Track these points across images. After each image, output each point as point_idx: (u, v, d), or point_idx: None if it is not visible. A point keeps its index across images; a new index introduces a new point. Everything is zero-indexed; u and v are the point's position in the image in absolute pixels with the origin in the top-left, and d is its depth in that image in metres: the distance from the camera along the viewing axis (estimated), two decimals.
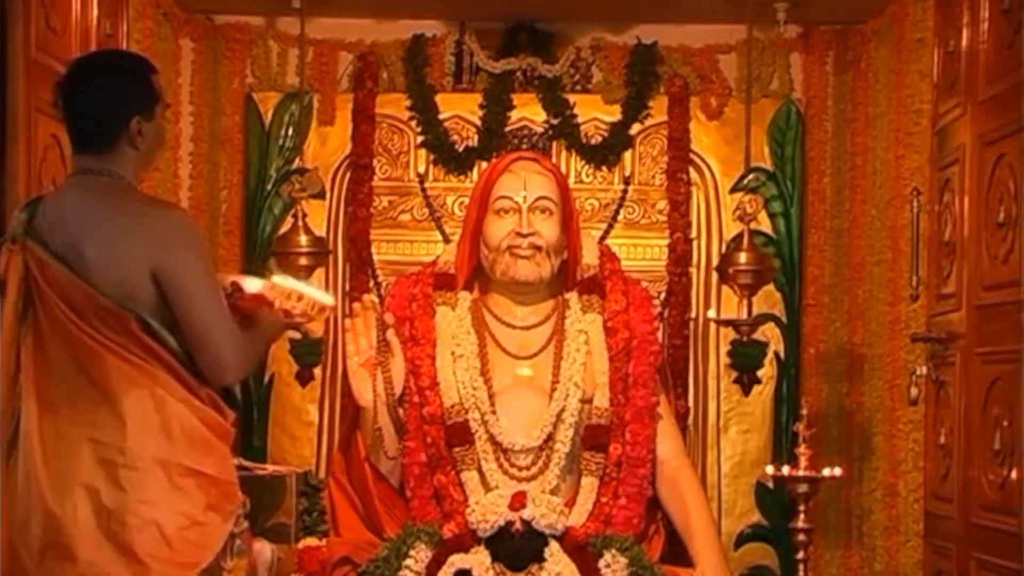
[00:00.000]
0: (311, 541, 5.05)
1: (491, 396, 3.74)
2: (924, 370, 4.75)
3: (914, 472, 5.10)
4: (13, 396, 3.16)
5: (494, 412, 3.72)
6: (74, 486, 3.10)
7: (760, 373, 5.82)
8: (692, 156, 6.04)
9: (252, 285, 3.41)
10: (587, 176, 6.06)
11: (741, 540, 5.94)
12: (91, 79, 3.31)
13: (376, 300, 4.05)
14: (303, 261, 5.19)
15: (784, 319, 5.99)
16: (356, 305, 3.83)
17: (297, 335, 5.50)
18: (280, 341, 5.85)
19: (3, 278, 3.20)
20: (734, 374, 5.86)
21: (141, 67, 3.38)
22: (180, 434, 3.15)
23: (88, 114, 3.27)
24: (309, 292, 3.49)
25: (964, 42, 4.45)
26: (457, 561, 3.52)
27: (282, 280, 3.50)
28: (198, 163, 5.83)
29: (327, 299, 3.54)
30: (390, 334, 3.74)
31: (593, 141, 6.04)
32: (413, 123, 6.06)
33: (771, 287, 5.75)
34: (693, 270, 6.04)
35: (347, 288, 5.97)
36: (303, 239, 5.20)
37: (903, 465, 5.21)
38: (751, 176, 5.80)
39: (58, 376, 3.14)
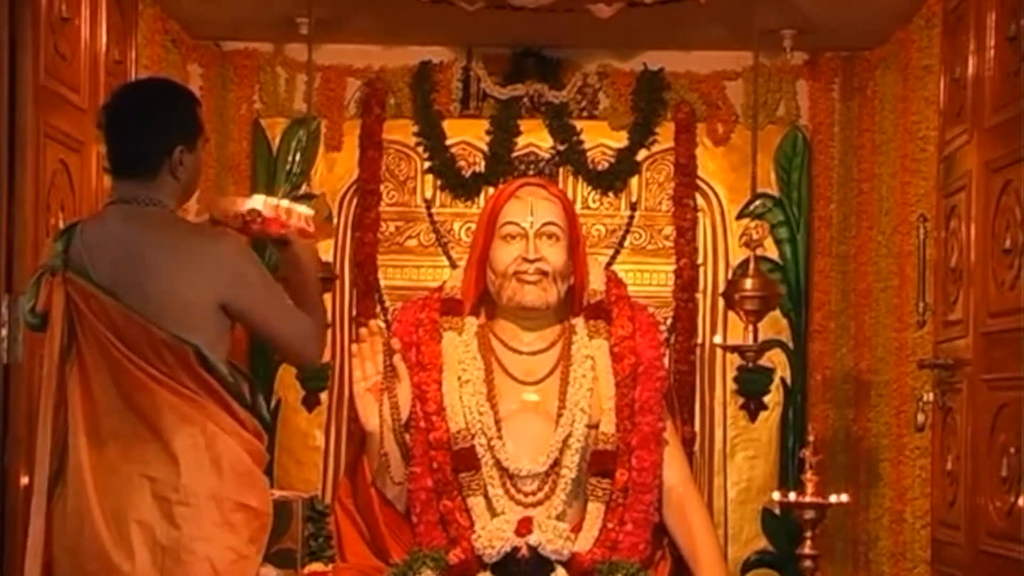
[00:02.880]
0: (317, 566, 5.03)
1: (497, 421, 3.73)
2: (931, 396, 4.75)
3: (921, 499, 5.09)
4: (57, 430, 3.14)
5: (500, 437, 3.71)
6: (129, 523, 3.08)
7: (767, 399, 5.83)
8: (699, 182, 6.05)
9: (258, 204, 3.49)
10: (594, 202, 6.08)
11: (747, 566, 5.93)
12: (139, 106, 3.29)
13: (383, 325, 4.05)
14: None
15: (791, 345, 5.99)
16: (363, 330, 3.83)
17: None
18: (286, 366, 5.86)
19: (45, 311, 3.17)
20: (740, 400, 5.87)
21: (186, 97, 3.37)
22: (229, 469, 3.14)
23: (133, 140, 3.25)
24: (294, 207, 3.59)
25: (970, 69, 4.46)
26: None
27: (264, 199, 3.55)
28: (206, 188, 5.82)
29: (306, 210, 3.62)
30: (396, 359, 3.74)
31: (600, 167, 6.05)
32: (420, 149, 6.08)
33: (777, 313, 5.76)
34: (699, 296, 6.04)
35: (354, 313, 5.98)
36: None
37: (910, 492, 5.21)
38: (758, 202, 5.82)
39: (105, 410, 3.12)
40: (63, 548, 3.11)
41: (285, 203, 3.55)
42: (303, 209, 3.60)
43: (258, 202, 3.46)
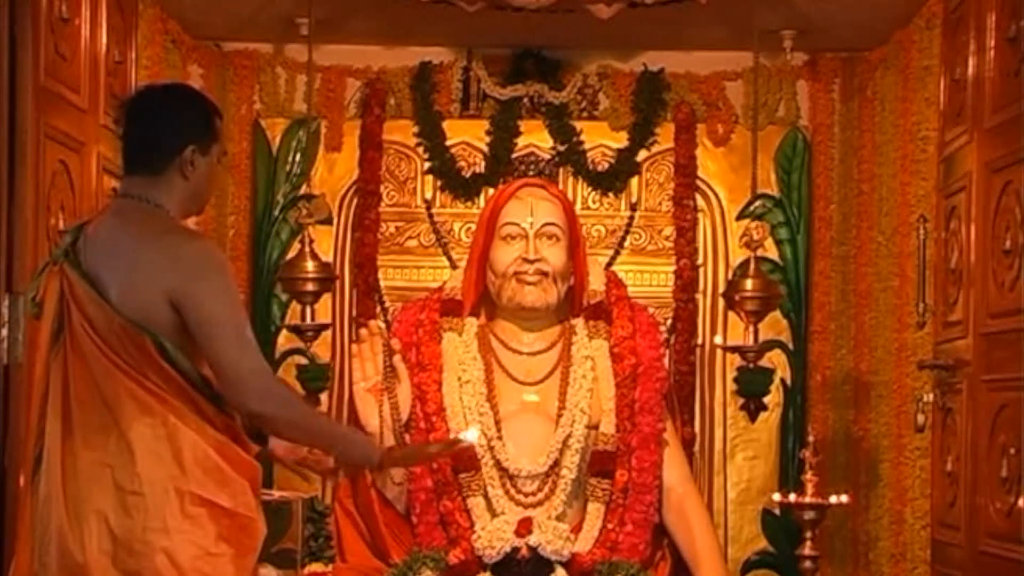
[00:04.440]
0: (317, 567, 5.03)
1: (497, 422, 3.74)
2: (931, 397, 4.75)
3: (921, 499, 5.09)
4: (42, 416, 3.16)
5: (500, 438, 3.72)
6: (88, 512, 3.09)
7: (767, 400, 5.81)
8: (699, 183, 6.05)
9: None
10: (594, 202, 6.07)
11: (747, 567, 5.93)
12: (156, 102, 3.31)
13: (383, 326, 4.05)
14: (310, 287, 5.20)
15: (791, 346, 5.99)
16: (363, 331, 3.83)
17: (304, 360, 5.51)
18: (286, 366, 5.86)
19: (43, 299, 3.21)
20: (740, 401, 5.85)
21: (206, 103, 3.38)
22: (193, 463, 3.13)
23: (146, 133, 3.26)
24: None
25: (970, 70, 4.46)
26: None
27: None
28: None
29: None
30: (396, 360, 3.75)
31: (600, 168, 6.05)
32: (420, 149, 6.07)
33: (777, 313, 5.75)
34: (700, 296, 6.04)
35: (354, 314, 5.98)
36: (310, 265, 5.21)
37: (910, 492, 5.20)
38: (758, 203, 5.81)
39: (78, 397, 3.13)
40: (36, 533, 3.13)
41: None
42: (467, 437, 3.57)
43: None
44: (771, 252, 5.93)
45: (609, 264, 5.87)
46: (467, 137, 6.06)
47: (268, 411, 3.13)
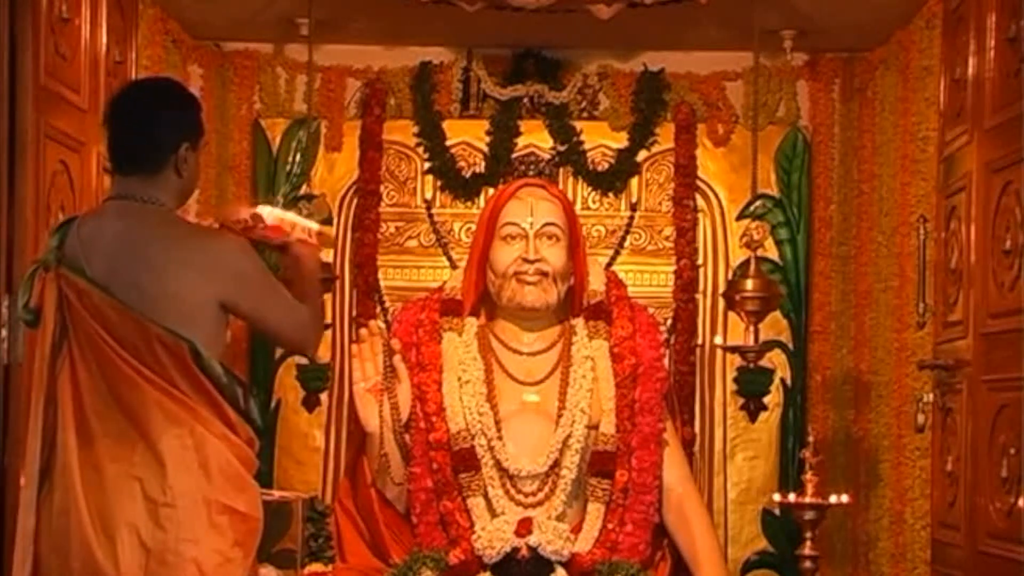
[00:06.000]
0: (317, 567, 5.04)
1: (497, 422, 3.73)
2: (931, 397, 4.75)
3: (921, 499, 5.09)
4: (47, 426, 3.13)
5: (500, 438, 3.71)
6: (118, 525, 3.06)
7: (767, 400, 5.82)
8: (699, 183, 6.05)
9: (263, 212, 3.58)
10: (594, 203, 6.08)
11: (747, 567, 5.93)
12: (149, 101, 3.30)
13: (383, 326, 4.05)
14: None
15: (791, 346, 6.00)
16: (363, 331, 3.83)
17: (304, 361, 5.51)
18: (286, 366, 5.87)
19: (38, 306, 3.16)
20: (740, 401, 5.86)
21: (193, 97, 3.39)
22: (217, 472, 3.13)
23: (143, 134, 3.25)
24: (297, 220, 3.70)
25: (970, 70, 4.46)
26: None
27: (271, 210, 3.64)
28: (206, 188, 5.83)
29: (312, 224, 3.72)
30: (396, 360, 3.74)
31: (600, 168, 6.06)
32: (420, 149, 6.07)
33: (778, 314, 5.76)
34: (700, 297, 6.04)
35: (354, 314, 5.99)
36: None
37: (910, 492, 5.20)
38: (758, 203, 5.81)
39: (94, 407, 3.10)
40: (50, 546, 3.11)
41: (290, 216, 3.60)
42: (307, 223, 3.69)
43: (264, 211, 3.50)
44: (771, 252, 5.93)
45: (609, 264, 5.88)
46: (467, 137, 6.06)
47: (319, 344, 3.67)
